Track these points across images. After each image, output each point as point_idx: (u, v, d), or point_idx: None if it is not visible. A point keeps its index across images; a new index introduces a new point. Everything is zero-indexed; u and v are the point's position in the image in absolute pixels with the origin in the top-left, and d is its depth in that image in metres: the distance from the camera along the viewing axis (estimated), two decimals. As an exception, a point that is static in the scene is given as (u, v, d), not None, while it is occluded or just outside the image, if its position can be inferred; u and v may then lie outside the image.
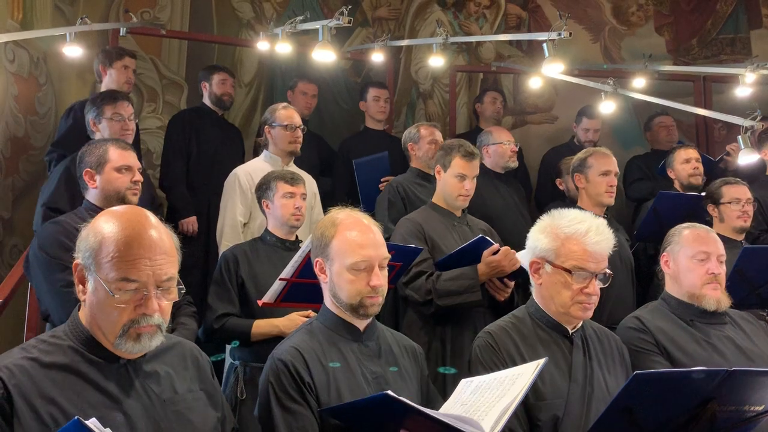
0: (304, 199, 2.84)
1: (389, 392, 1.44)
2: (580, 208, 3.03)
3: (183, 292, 1.46)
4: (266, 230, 2.84)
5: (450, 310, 2.74)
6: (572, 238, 1.88)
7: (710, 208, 3.28)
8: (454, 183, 2.95)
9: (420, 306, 2.76)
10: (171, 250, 1.44)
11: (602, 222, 1.93)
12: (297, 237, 2.87)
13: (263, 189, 2.84)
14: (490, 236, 3.07)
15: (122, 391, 1.40)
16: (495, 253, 2.69)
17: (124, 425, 1.36)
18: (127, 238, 1.38)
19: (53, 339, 1.42)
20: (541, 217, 2.01)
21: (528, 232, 2.02)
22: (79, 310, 1.46)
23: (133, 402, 1.40)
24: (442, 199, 3.03)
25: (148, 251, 1.39)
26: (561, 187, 4.06)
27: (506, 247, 2.71)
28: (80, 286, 1.42)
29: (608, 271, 1.90)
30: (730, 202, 3.20)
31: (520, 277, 2.77)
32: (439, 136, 3.65)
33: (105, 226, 1.41)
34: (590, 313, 1.90)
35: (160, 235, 1.43)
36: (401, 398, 1.46)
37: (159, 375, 1.48)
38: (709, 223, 3.17)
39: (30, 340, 1.44)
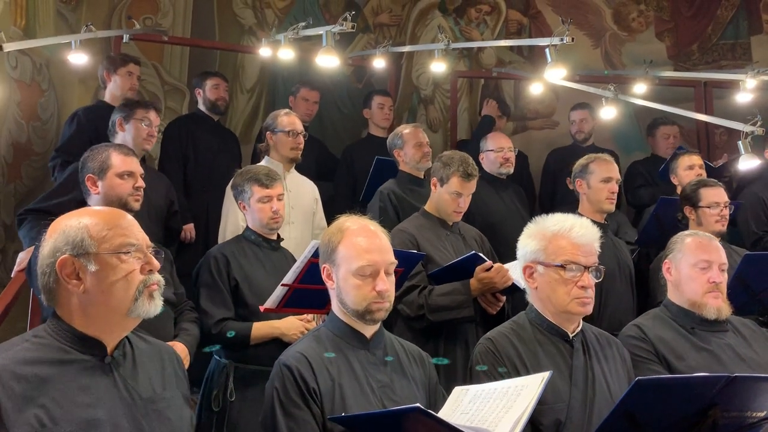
0: (281, 199, 2.75)
1: (419, 405, 1.46)
2: (580, 214, 3.04)
3: (163, 256, 1.56)
4: (248, 228, 2.79)
5: (441, 324, 2.74)
6: (558, 234, 1.91)
7: (687, 210, 3.18)
8: (449, 199, 2.93)
9: (411, 321, 2.74)
10: None
11: (585, 219, 1.98)
12: (279, 236, 2.83)
13: (238, 190, 2.76)
14: (482, 244, 3.08)
15: (105, 389, 1.43)
16: (488, 269, 2.69)
17: (108, 423, 1.39)
18: (111, 216, 1.52)
19: (36, 339, 1.45)
20: (527, 225, 2.03)
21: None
22: (55, 312, 1.48)
23: (116, 400, 1.43)
24: (435, 209, 3.01)
25: (131, 222, 1.53)
26: (572, 187, 4.04)
27: (498, 264, 2.71)
28: (73, 281, 1.44)
29: (601, 266, 1.92)
30: (708, 207, 3.10)
31: (513, 293, 2.77)
32: (422, 136, 3.57)
33: (83, 218, 1.49)
34: (590, 308, 1.91)
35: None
36: (432, 412, 1.48)
37: (139, 374, 1.52)
38: (685, 224, 3.14)
39: (13, 339, 1.46)
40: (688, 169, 3.75)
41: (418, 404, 1.47)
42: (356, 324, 1.79)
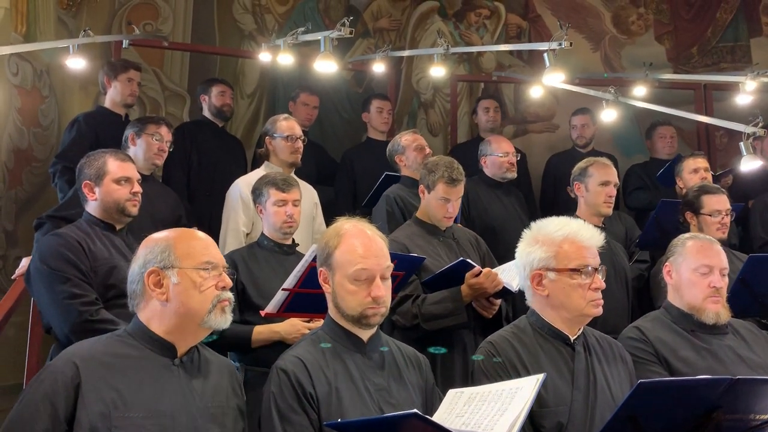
0: (297, 205, 2.82)
1: (417, 411, 1.46)
2: (578, 217, 3.04)
3: (235, 277, 1.72)
4: (263, 234, 2.85)
5: (437, 331, 2.72)
6: (567, 239, 1.91)
7: (688, 216, 3.16)
8: (437, 205, 2.93)
9: (407, 331, 2.73)
10: None
11: (584, 222, 2.00)
12: (294, 240, 2.88)
13: (257, 194, 2.86)
14: (477, 247, 3.07)
15: (170, 387, 1.60)
16: (477, 274, 2.68)
17: (168, 416, 1.55)
18: (194, 236, 1.71)
19: (118, 337, 1.65)
20: (523, 232, 2.02)
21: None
22: (136, 316, 1.67)
23: (178, 398, 1.59)
24: (426, 215, 3.01)
25: (211, 243, 1.72)
26: (573, 195, 4.03)
27: (487, 269, 2.70)
28: (157, 290, 1.62)
29: (602, 266, 1.93)
30: (710, 214, 3.07)
31: (506, 296, 2.77)
32: (422, 140, 3.62)
33: (163, 234, 1.69)
34: (602, 309, 1.92)
35: None
36: (430, 417, 1.49)
37: (203, 381, 1.67)
38: (686, 227, 3.13)
39: (98, 336, 1.67)
40: (693, 172, 3.72)
41: (415, 410, 1.46)
42: (353, 328, 1.79)
